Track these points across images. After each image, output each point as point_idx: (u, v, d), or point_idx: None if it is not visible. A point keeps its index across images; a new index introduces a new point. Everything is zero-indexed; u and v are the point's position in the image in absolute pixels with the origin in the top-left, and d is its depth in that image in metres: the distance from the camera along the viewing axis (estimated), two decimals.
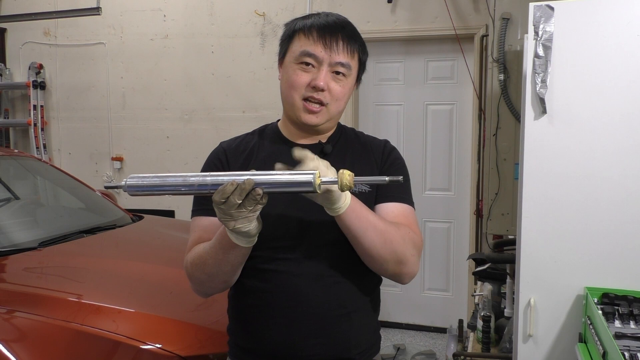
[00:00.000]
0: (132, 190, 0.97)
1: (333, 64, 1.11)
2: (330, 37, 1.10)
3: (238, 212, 0.93)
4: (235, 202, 0.91)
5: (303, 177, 0.91)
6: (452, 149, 3.68)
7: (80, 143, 4.37)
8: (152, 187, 0.96)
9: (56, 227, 2.48)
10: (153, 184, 0.96)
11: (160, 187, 0.96)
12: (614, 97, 1.60)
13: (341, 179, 0.91)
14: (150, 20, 4.09)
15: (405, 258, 1.08)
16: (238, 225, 0.95)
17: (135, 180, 0.96)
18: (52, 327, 1.63)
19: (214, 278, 1.09)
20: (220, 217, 0.96)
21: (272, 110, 3.76)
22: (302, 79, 1.11)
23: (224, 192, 0.91)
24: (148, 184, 0.96)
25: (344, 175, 0.91)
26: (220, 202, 0.92)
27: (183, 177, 0.96)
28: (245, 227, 0.96)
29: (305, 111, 1.12)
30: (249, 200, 0.92)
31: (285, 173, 0.92)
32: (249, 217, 0.95)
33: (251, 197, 0.91)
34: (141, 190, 0.96)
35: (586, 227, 1.63)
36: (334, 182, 0.92)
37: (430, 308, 3.80)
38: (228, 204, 0.92)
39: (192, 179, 0.95)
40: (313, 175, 0.90)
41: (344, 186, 0.91)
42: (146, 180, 0.96)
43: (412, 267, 1.10)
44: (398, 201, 1.16)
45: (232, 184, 0.91)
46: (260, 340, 1.13)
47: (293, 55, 1.13)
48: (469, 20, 3.42)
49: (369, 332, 1.20)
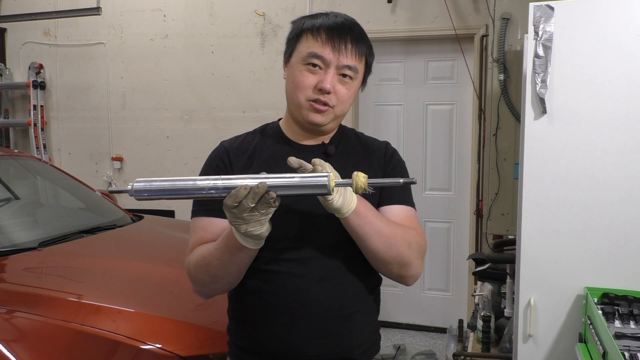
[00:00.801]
0: (140, 195, 0.92)
1: (340, 66, 1.10)
2: (339, 39, 1.09)
3: (250, 215, 0.92)
4: (248, 205, 0.90)
5: (317, 180, 0.90)
6: (452, 149, 3.68)
7: (80, 143, 4.37)
8: (161, 192, 0.92)
9: (56, 227, 2.48)
10: (162, 188, 0.92)
11: (170, 191, 0.92)
12: (614, 97, 1.60)
13: (356, 181, 0.91)
14: (150, 20, 4.08)
15: (410, 261, 1.09)
16: (250, 229, 0.94)
17: (143, 185, 0.92)
18: (52, 327, 1.63)
19: (218, 279, 1.09)
20: (231, 220, 0.94)
21: (272, 110, 3.76)
22: (308, 80, 1.10)
23: (237, 196, 0.90)
24: (157, 188, 0.92)
25: (358, 177, 0.91)
26: (232, 206, 0.91)
27: (193, 180, 0.92)
28: (257, 231, 0.95)
29: (311, 110, 1.11)
30: (262, 204, 0.91)
31: (298, 176, 0.92)
32: (261, 220, 0.94)
33: (264, 200, 0.91)
34: (149, 194, 0.92)
35: (586, 227, 1.63)
36: (348, 184, 0.92)
37: (430, 308, 3.79)
38: (240, 208, 0.91)
39: (202, 182, 0.92)
40: (327, 177, 0.90)
41: (359, 188, 0.91)
42: (154, 184, 0.92)
43: (416, 270, 1.11)
44: (401, 203, 1.16)
45: (246, 187, 0.89)
46: (261, 341, 1.13)
47: (300, 55, 1.11)
48: (469, 20, 3.42)
49: (370, 332, 1.21)
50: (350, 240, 1.09)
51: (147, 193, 0.92)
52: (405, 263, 1.08)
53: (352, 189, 0.91)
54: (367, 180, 0.91)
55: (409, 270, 1.10)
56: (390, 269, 1.09)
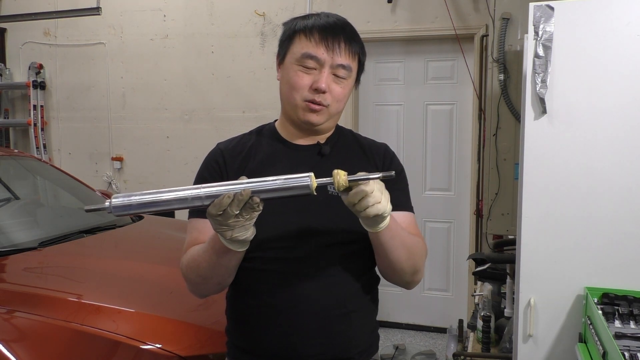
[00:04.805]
0: (119, 211, 0.90)
1: (335, 66, 1.11)
2: (332, 39, 1.10)
3: (235, 221, 0.92)
4: (233, 213, 0.90)
5: (300, 181, 0.91)
6: (452, 149, 3.68)
7: (80, 143, 4.37)
8: (141, 206, 0.90)
9: (56, 227, 2.48)
10: (142, 202, 0.90)
11: (151, 204, 0.90)
12: (614, 97, 1.59)
13: (337, 180, 0.91)
14: (150, 20, 4.08)
15: (420, 268, 1.14)
16: (235, 235, 0.94)
17: (121, 200, 0.90)
18: (52, 327, 1.63)
19: (208, 280, 1.10)
20: (216, 228, 0.94)
21: (272, 110, 3.76)
22: (303, 80, 1.11)
23: (221, 205, 0.90)
24: (136, 202, 0.90)
25: (339, 175, 0.91)
26: (217, 214, 0.91)
27: (174, 191, 0.91)
28: (242, 236, 0.95)
29: (307, 110, 1.12)
30: (246, 210, 0.91)
31: (280, 178, 0.91)
32: (246, 226, 0.94)
33: (248, 205, 0.91)
34: (128, 210, 0.90)
35: (586, 228, 1.63)
36: (329, 183, 0.92)
37: (430, 308, 3.80)
38: (225, 216, 0.91)
39: (184, 193, 0.91)
40: (309, 177, 0.90)
41: (340, 186, 0.91)
42: (133, 199, 0.90)
43: (421, 276, 1.17)
44: (404, 210, 1.17)
45: (229, 195, 0.89)
46: (259, 341, 1.13)
47: (294, 56, 1.12)
48: (469, 20, 3.42)
49: (368, 331, 1.21)
50: (348, 240, 1.10)
51: (125, 209, 0.90)
52: (417, 271, 1.13)
53: (334, 187, 0.92)
54: (347, 177, 0.91)
55: (417, 277, 1.15)
56: (404, 277, 1.12)
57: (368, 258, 1.15)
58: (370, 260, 1.16)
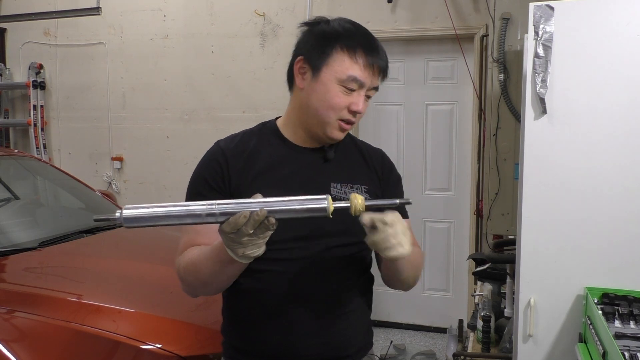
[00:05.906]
0: (129, 223, 0.88)
1: (370, 88, 1.12)
2: (377, 65, 1.11)
3: (249, 240, 0.91)
4: (247, 232, 0.89)
5: (317, 204, 0.90)
6: (452, 149, 3.68)
7: (80, 143, 4.37)
8: (153, 219, 0.88)
9: (56, 227, 2.48)
10: (154, 215, 0.88)
11: (163, 217, 0.89)
12: (614, 97, 1.59)
13: (355, 204, 0.91)
14: (150, 20, 4.08)
15: (419, 276, 1.19)
16: (247, 252, 0.93)
17: (132, 212, 0.88)
18: (52, 327, 1.63)
19: (207, 286, 1.09)
20: (228, 245, 0.93)
21: (272, 110, 3.75)
22: (343, 102, 1.09)
23: (236, 224, 0.88)
24: (148, 215, 0.88)
25: (357, 199, 0.91)
26: (230, 232, 0.90)
27: (187, 206, 0.89)
28: (254, 253, 0.95)
29: (337, 128, 1.12)
30: (261, 229, 0.90)
31: (297, 199, 0.90)
32: (259, 244, 0.93)
33: (263, 225, 0.89)
34: (139, 222, 0.88)
35: (586, 228, 1.63)
36: (346, 207, 0.92)
37: (430, 308, 3.79)
38: (239, 234, 0.90)
39: (198, 208, 0.89)
40: (326, 200, 0.90)
41: (357, 210, 0.92)
42: (145, 211, 0.88)
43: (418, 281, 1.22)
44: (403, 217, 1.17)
45: (245, 215, 0.87)
46: (257, 341, 1.13)
47: (336, 75, 1.08)
48: (469, 20, 3.42)
49: (364, 330, 1.22)
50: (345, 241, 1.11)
51: (136, 221, 0.88)
52: (418, 278, 1.18)
53: (351, 210, 0.92)
54: (364, 202, 0.91)
55: (416, 282, 1.19)
56: (406, 287, 1.18)
57: (366, 259, 1.16)
58: (368, 261, 1.17)
